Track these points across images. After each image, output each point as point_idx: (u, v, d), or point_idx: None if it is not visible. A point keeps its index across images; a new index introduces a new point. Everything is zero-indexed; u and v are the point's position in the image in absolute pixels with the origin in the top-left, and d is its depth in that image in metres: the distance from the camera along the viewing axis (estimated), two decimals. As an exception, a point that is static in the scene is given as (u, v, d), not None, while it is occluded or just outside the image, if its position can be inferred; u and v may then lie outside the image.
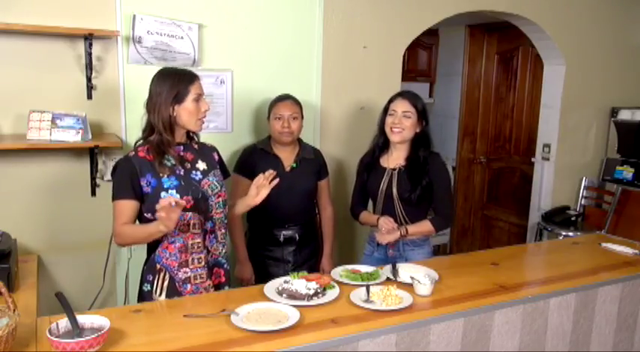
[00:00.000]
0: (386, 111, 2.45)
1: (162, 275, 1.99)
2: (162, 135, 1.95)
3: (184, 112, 1.96)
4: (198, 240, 1.99)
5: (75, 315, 1.48)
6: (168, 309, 1.83)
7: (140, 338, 1.54)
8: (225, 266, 2.13)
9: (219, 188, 2.07)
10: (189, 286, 1.99)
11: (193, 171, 2.03)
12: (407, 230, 2.39)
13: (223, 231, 2.10)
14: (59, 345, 1.39)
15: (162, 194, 1.92)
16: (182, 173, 1.99)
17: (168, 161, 1.98)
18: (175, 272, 1.98)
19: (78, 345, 1.38)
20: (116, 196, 1.95)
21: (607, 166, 4.06)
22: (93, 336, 1.41)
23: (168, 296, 1.98)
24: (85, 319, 1.51)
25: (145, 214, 1.97)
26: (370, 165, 2.52)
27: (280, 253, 2.64)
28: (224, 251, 2.12)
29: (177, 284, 1.99)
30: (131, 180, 1.93)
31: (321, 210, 2.80)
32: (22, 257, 2.28)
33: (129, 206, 1.94)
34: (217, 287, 2.08)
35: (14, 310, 1.47)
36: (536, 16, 3.61)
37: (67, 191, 2.53)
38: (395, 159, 2.46)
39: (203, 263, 2.02)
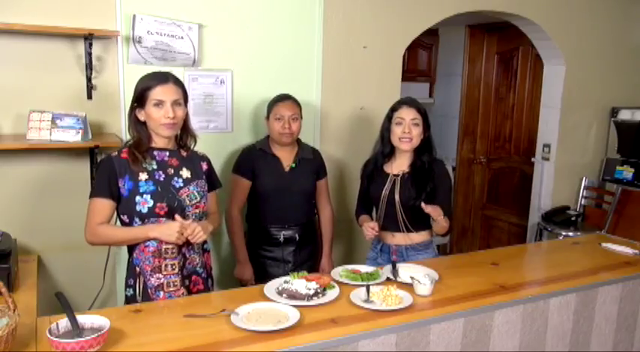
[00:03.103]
0: (389, 118, 2.40)
1: (140, 278, 1.96)
2: (135, 137, 1.96)
3: (147, 117, 1.94)
4: (172, 246, 1.94)
5: (75, 315, 1.48)
6: (168, 309, 1.83)
7: (140, 338, 1.54)
8: (203, 275, 2.08)
9: (198, 199, 2.01)
10: (162, 293, 1.94)
11: (175, 178, 1.98)
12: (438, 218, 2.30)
13: (200, 242, 2.01)
14: (59, 345, 1.39)
15: (137, 198, 1.91)
16: (162, 179, 1.95)
17: (150, 165, 1.96)
18: (148, 277, 1.94)
19: (78, 345, 1.39)
20: (93, 194, 1.94)
21: (607, 166, 4.06)
22: (93, 336, 1.41)
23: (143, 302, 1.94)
24: (85, 319, 1.51)
25: (121, 216, 1.95)
26: (372, 172, 2.48)
27: (280, 253, 2.63)
28: (201, 261, 2.07)
29: (149, 290, 1.94)
30: (109, 179, 1.91)
31: (320, 210, 2.79)
32: (22, 257, 2.28)
33: (105, 205, 1.92)
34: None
35: (14, 310, 1.47)
36: (536, 16, 3.61)
37: (67, 191, 2.52)
38: (398, 165, 2.44)
39: (177, 269, 1.96)
